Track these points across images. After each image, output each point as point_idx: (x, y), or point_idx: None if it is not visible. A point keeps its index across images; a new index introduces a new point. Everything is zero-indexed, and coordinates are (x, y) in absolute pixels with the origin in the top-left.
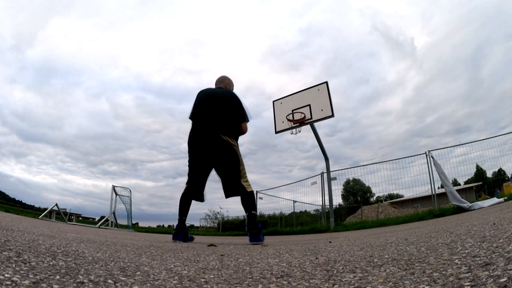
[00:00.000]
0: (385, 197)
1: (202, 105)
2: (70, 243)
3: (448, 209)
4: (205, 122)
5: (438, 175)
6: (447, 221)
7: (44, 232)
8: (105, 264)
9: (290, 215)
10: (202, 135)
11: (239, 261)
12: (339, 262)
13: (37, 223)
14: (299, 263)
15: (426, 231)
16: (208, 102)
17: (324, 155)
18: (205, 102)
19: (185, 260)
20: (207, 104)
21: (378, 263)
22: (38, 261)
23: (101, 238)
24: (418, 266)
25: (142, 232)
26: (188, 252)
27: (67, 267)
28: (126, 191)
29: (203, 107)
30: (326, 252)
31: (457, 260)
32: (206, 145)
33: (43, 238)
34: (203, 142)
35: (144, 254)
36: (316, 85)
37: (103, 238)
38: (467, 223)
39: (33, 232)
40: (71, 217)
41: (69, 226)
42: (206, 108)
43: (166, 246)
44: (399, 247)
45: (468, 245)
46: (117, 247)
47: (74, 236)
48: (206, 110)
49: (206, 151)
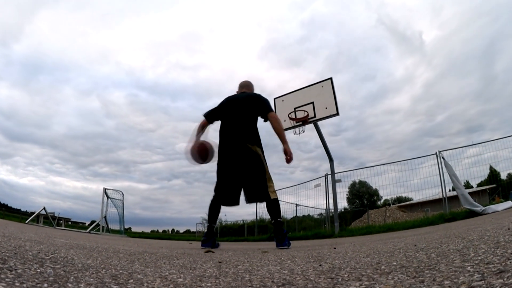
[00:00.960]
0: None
1: (227, 115)
2: (58, 249)
3: (460, 213)
4: (231, 133)
5: (449, 177)
6: (459, 226)
7: (31, 237)
8: (96, 271)
9: (292, 220)
10: (229, 145)
11: (238, 268)
12: (344, 269)
13: (23, 228)
14: (301, 271)
15: (436, 237)
16: (233, 111)
17: (329, 156)
18: (230, 111)
19: (180, 267)
20: (232, 113)
21: (386, 270)
22: (24, 268)
23: (92, 244)
24: (428, 273)
25: (135, 238)
26: (184, 259)
27: (56, 275)
28: (118, 194)
29: (228, 117)
30: (331, 259)
31: (469, 267)
32: (233, 154)
33: (30, 244)
34: (230, 152)
35: (137, 261)
36: (319, 82)
37: (93, 244)
38: (480, 228)
39: (19, 237)
40: (59, 222)
41: (58, 231)
42: (231, 118)
43: (161, 252)
44: (408, 253)
45: (481, 251)
46: (109, 253)
47: (63, 241)
48: (231, 120)
49: (233, 160)
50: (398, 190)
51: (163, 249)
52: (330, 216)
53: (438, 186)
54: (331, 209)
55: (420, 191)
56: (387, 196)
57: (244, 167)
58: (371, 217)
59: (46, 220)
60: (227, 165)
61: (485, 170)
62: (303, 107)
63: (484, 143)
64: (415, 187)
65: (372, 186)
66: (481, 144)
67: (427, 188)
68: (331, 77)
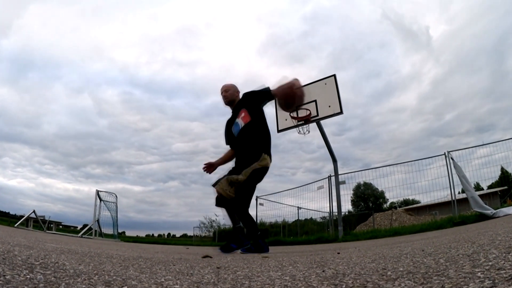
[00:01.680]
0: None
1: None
2: (49, 254)
3: (469, 216)
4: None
5: (459, 179)
6: (469, 229)
7: (21, 242)
8: (88, 277)
9: (294, 223)
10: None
11: (237, 274)
12: (348, 275)
13: (12, 232)
14: (304, 277)
15: (445, 241)
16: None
17: (332, 157)
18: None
19: (177, 273)
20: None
21: (392, 276)
22: (13, 274)
23: (84, 248)
24: (437, 279)
25: (129, 242)
26: (181, 265)
27: (46, 281)
28: (112, 196)
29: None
30: (334, 264)
31: (479, 273)
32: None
33: (19, 249)
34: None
35: (131, 267)
36: (323, 79)
37: (86, 249)
38: (490, 232)
39: (8, 242)
40: (50, 226)
41: (48, 236)
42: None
43: (156, 257)
44: (415, 258)
45: (492, 257)
46: (102, 258)
47: (54, 246)
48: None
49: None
50: (405, 192)
51: (158, 254)
52: (333, 219)
53: (447, 188)
54: (335, 212)
55: (428, 193)
56: (394, 198)
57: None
58: (377, 220)
59: (36, 223)
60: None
61: (496, 171)
62: (305, 105)
63: (495, 143)
64: (423, 189)
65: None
66: (492, 144)
67: (436, 190)
68: (335, 74)
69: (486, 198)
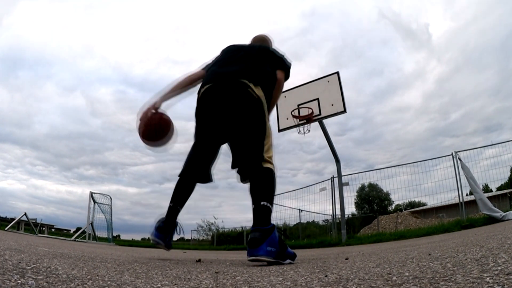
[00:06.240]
0: (405, 206)
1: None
2: (41, 258)
3: (478, 219)
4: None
5: (467, 180)
6: (477, 233)
7: (11, 246)
8: (82, 283)
9: (296, 226)
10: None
11: (236, 280)
12: (352, 280)
13: (3, 236)
14: (305, 282)
15: (452, 245)
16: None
17: (335, 157)
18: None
19: (174, 278)
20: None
21: (397, 281)
22: (4, 280)
23: (77, 252)
24: (444, 285)
25: (124, 246)
26: (178, 269)
27: (38, 286)
28: (106, 198)
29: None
30: (337, 269)
31: (488, 278)
32: (223, 99)
33: (10, 253)
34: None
35: (126, 271)
36: (325, 76)
37: (79, 253)
38: (500, 236)
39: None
40: (42, 229)
41: (40, 239)
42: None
43: (152, 262)
44: (421, 263)
45: (501, 261)
46: (96, 263)
47: (46, 250)
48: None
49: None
50: (411, 194)
51: (154, 259)
52: (336, 222)
53: (454, 190)
54: (338, 215)
55: (435, 195)
56: (399, 200)
57: (236, 120)
58: (381, 223)
59: (27, 227)
60: (212, 117)
61: (505, 173)
62: (307, 104)
63: (504, 143)
64: (429, 191)
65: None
66: (500, 144)
67: (442, 192)
68: (338, 71)
69: (495, 200)
